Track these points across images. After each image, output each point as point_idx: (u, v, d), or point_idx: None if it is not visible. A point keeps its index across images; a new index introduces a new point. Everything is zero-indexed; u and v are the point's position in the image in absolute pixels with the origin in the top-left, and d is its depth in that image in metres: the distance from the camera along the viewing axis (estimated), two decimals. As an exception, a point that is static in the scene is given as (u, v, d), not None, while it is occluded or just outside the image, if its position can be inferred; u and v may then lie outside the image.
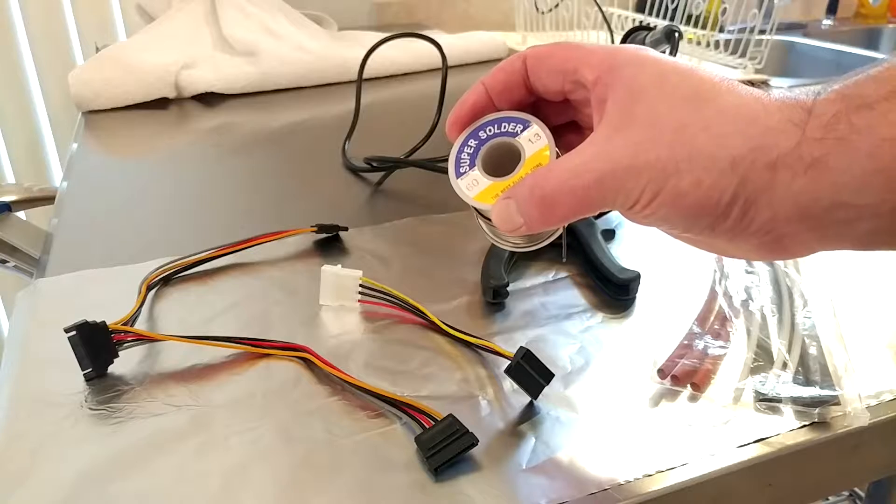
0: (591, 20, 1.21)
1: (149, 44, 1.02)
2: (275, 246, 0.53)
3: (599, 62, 0.30)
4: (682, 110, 0.28)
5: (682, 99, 0.29)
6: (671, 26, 0.61)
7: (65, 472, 0.33)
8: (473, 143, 0.33)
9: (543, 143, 0.32)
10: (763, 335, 0.41)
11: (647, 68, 0.30)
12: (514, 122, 0.33)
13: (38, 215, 1.05)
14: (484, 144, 0.33)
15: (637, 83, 0.29)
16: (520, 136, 0.33)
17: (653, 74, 0.29)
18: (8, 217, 0.79)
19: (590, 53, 0.31)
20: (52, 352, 0.41)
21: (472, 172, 0.33)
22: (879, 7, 1.74)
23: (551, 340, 0.42)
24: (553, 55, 0.32)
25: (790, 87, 0.92)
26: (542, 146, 0.32)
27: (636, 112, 0.29)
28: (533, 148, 0.32)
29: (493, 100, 0.33)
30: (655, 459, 0.33)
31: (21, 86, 1.30)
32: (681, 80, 0.29)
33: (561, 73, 0.32)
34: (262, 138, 0.81)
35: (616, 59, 0.30)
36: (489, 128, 0.33)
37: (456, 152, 0.34)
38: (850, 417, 0.35)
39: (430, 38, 0.73)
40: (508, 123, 0.33)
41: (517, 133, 0.33)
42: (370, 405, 0.37)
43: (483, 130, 0.33)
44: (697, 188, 0.28)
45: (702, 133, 0.28)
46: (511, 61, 0.33)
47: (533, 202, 0.30)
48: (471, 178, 0.33)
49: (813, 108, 0.27)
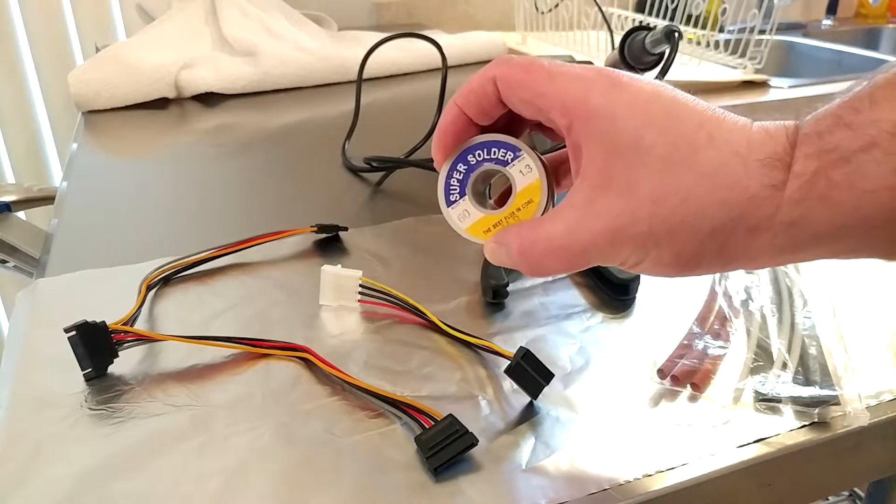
0: (590, 20, 1.21)
1: (149, 44, 1.02)
2: (275, 246, 0.53)
3: (572, 107, 0.29)
4: (659, 177, 0.28)
5: (660, 161, 0.28)
6: (671, 26, 0.61)
7: (65, 472, 0.33)
8: (462, 169, 0.33)
9: (535, 176, 0.32)
10: (763, 335, 0.41)
11: (619, 122, 0.28)
12: (503, 148, 0.32)
13: (38, 215, 1.06)
14: (473, 171, 0.32)
15: (612, 142, 0.28)
16: (510, 165, 0.32)
17: (627, 131, 0.28)
18: (8, 217, 0.79)
19: (560, 92, 0.29)
20: (52, 352, 0.41)
21: (462, 202, 0.33)
22: (879, 7, 1.74)
23: (551, 340, 0.42)
24: (523, 86, 0.30)
25: (790, 86, 0.92)
26: (533, 180, 0.32)
27: (613, 174, 0.28)
28: (525, 181, 0.32)
29: (471, 119, 0.32)
30: (655, 459, 0.33)
31: (21, 86, 1.30)
32: (657, 137, 0.28)
33: (533, 107, 0.30)
34: (262, 138, 0.81)
35: (588, 107, 0.29)
36: (478, 152, 0.32)
37: (445, 178, 0.33)
38: (850, 417, 0.35)
39: (430, 38, 0.73)
40: (498, 150, 0.32)
41: (507, 161, 0.32)
42: (370, 405, 0.37)
43: (472, 154, 0.32)
44: (678, 257, 0.29)
45: (681, 205, 0.28)
46: (482, 83, 0.31)
47: (522, 262, 0.31)
48: (462, 208, 0.33)
49: (792, 164, 0.27)
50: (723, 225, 0.27)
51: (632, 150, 0.28)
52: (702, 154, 0.28)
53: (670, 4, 1.18)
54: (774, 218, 0.27)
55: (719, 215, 0.27)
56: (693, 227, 0.28)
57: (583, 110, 0.29)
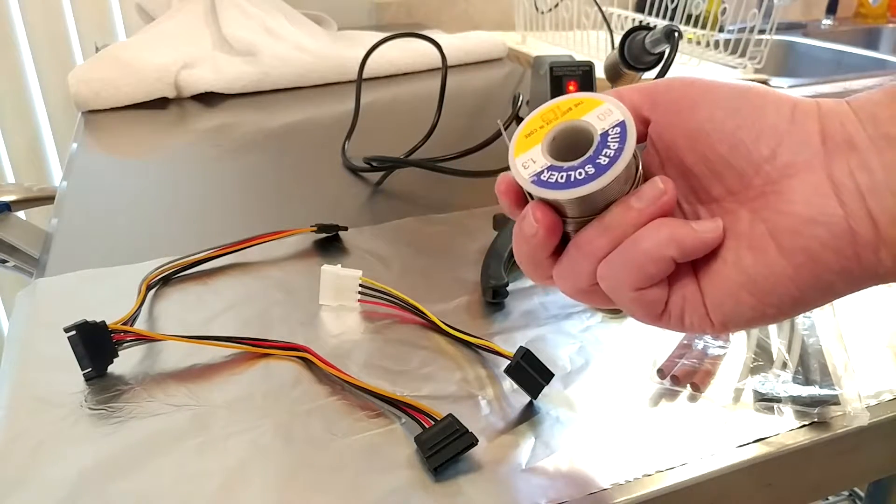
0: (590, 20, 1.21)
1: (148, 44, 1.02)
2: (274, 246, 0.53)
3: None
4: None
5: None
6: (671, 26, 0.61)
7: (65, 472, 0.33)
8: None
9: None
10: (763, 335, 0.41)
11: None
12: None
13: (38, 215, 1.06)
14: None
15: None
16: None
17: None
18: (8, 217, 0.79)
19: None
20: (52, 352, 0.41)
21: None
22: (879, 7, 1.74)
23: (551, 340, 0.42)
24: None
25: (790, 86, 0.92)
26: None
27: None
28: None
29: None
30: (655, 459, 0.33)
31: (21, 86, 1.30)
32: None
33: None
34: (262, 138, 0.81)
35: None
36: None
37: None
38: (850, 417, 0.35)
39: (430, 38, 0.73)
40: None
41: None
42: (370, 405, 0.37)
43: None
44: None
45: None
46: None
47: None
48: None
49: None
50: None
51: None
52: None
53: (670, 4, 1.18)
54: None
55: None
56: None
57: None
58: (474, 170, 0.61)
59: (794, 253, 0.25)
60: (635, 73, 0.68)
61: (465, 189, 0.62)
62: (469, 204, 0.59)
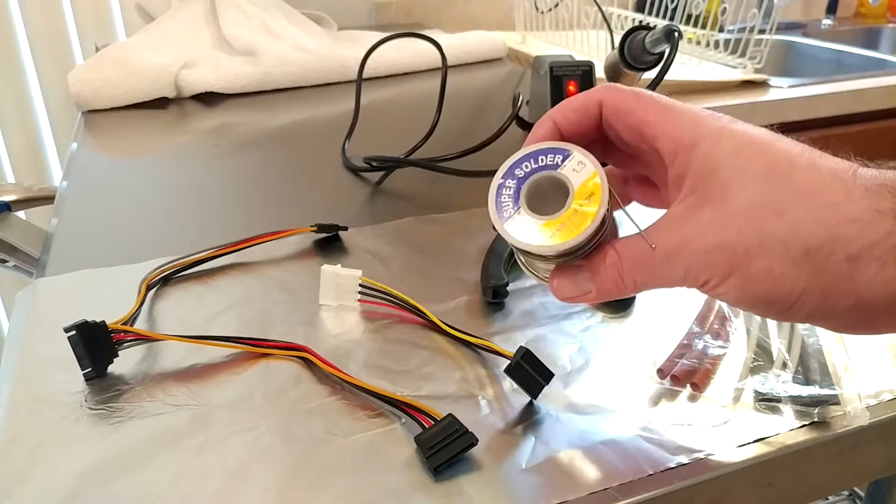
0: (590, 20, 1.21)
1: (148, 43, 1.02)
2: (274, 246, 0.53)
3: (680, 136, 0.29)
4: (754, 189, 0.27)
5: (756, 176, 0.27)
6: (671, 26, 0.61)
7: (65, 472, 0.33)
8: (512, 185, 0.31)
9: (590, 170, 0.30)
10: (763, 335, 0.41)
11: (723, 142, 0.28)
12: (551, 153, 0.31)
13: (38, 215, 1.06)
14: (524, 183, 0.31)
15: (712, 159, 0.28)
16: (562, 167, 0.30)
17: (728, 148, 0.28)
18: (8, 217, 0.79)
19: (670, 121, 0.29)
20: (52, 352, 0.41)
21: (518, 216, 0.30)
22: (879, 7, 1.74)
23: (551, 340, 0.42)
24: (632, 113, 0.30)
25: (790, 86, 0.92)
26: (589, 173, 0.30)
27: (709, 189, 0.28)
28: (580, 177, 0.30)
29: (563, 137, 0.32)
30: (655, 459, 0.33)
31: (21, 86, 1.30)
32: (755, 155, 0.28)
33: (638, 134, 0.30)
34: (262, 138, 0.81)
35: (695, 135, 0.29)
36: (525, 164, 0.31)
37: (495, 195, 0.31)
38: (850, 417, 0.35)
39: (430, 37, 0.73)
40: (546, 156, 0.31)
41: (558, 165, 0.31)
42: (370, 405, 0.37)
43: (519, 168, 0.31)
44: (768, 275, 0.27)
45: (774, 218, 0.26)
46: (586, 104, 0.31)
47: (611, 277, 0.30)
48: (519, 221, 0.30)
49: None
50: (818, 246, 0.26)
51: (730, 164, 0.28)
52: (801, 174, 0.27)
53: (670, 4, 1.18)
54: (882, 245, 0.25)
55: (815, 233, 0.26)
56: (785, 244, 0.26)
57: (691, 139, 0.29)
58: (474, 170, 0.61)
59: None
60: (635, 72, 0.68)
61: (465, 189, 0.62)
62: (469, 204, 0.59)
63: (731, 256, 0.27)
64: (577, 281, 0.31)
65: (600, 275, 0.30)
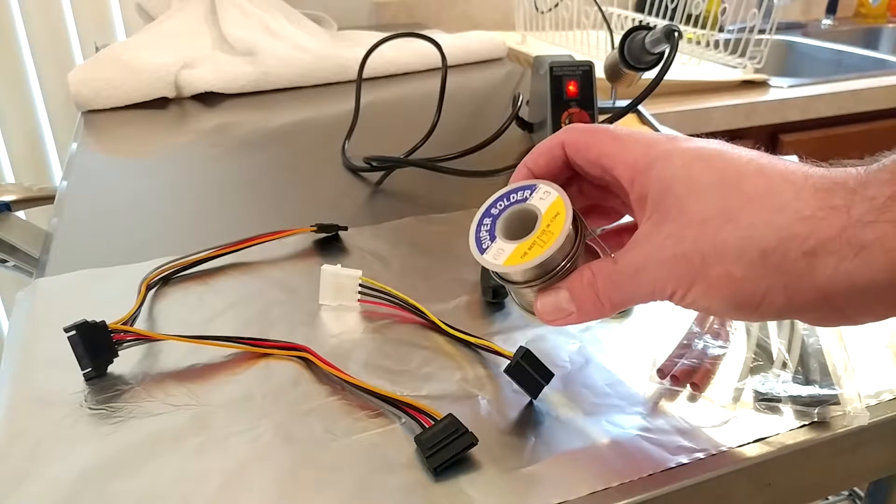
0: (590, 20, 1.21)
1: (148, 43, 1.02)
2: (274, 246, 0.53)
3: (634, 162, 0.31)
4: (706, 200, 0.28)
5: (707, 187, 0.28)
6: (671, 26, 0.61)
7: (65, 472, 0.33)
8: (488, 222, 0.35)
9: (555, 195, 0.33)
10: (763, 335, 0.41)
11: (674, 160, 0.30)
12: (521, 190, 0.35)
13: (38, 215, 1.06)
14: (498, 219, 0.34)
15: (666, 177, 0.30)
16: (530, 199, 0.34)
17: (680, 165, 0.30)
18: (8, 217, 0.79)
19: (624, 150, 0.32)
20: (52, 351, 0.41)
21: (494, 245, 0.34)
22: (879, 7, 1.74)
23: (551, 340, 0.42)
24: (590, 148, 0.33)
25: (790, 86, 0.92)
26: (554, 198, 0.33)
27: (667, 205, 0.29)
28: (546, 203, 0.33)
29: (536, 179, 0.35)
30: (655, 459, 0.33)
31: (21, 86, 1.30)
32: (706, 167, 0.29)
33: (599, 167, 0.33)
34: (261, 138, 0.81)
35: (648, 158, 0.31)
36: (499, 203, 0.35)
37: (474, 234, 0.35)
38: (850, 417, 0.35)
39: (430, 38, 0.73)
40: (516, 193, 0.35)
41: (527, 198, 0.34)
42: (370, 405, 0.37)
43: (494, 207, 0.35)
44: (729, 280, 0.28)
45: (726, 225, 0.27)
46: (550, 147, 0.34)
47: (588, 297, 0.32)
48: (495, 249, 0.34)
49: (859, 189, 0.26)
50: (774, 247, 0.27)
51: (682, 179, 0.29)
52: (750, 181, 0.28)
53: (670, 4, 1.18)
54: (838, 239, 0.26)
55: (767, 235, 0.27)
56: (739, 247, 0.27)
57: (643, 162, 0.31)
58: (474, 170, 0.61)
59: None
60: (635, 72, 0.68)
61: (465, 189, 0.62)
62: (469, 204, 0.59)
63: (690, 266, 0.28)
64: (559, 302, 0.33)
65: (579, 294, 0.32)
